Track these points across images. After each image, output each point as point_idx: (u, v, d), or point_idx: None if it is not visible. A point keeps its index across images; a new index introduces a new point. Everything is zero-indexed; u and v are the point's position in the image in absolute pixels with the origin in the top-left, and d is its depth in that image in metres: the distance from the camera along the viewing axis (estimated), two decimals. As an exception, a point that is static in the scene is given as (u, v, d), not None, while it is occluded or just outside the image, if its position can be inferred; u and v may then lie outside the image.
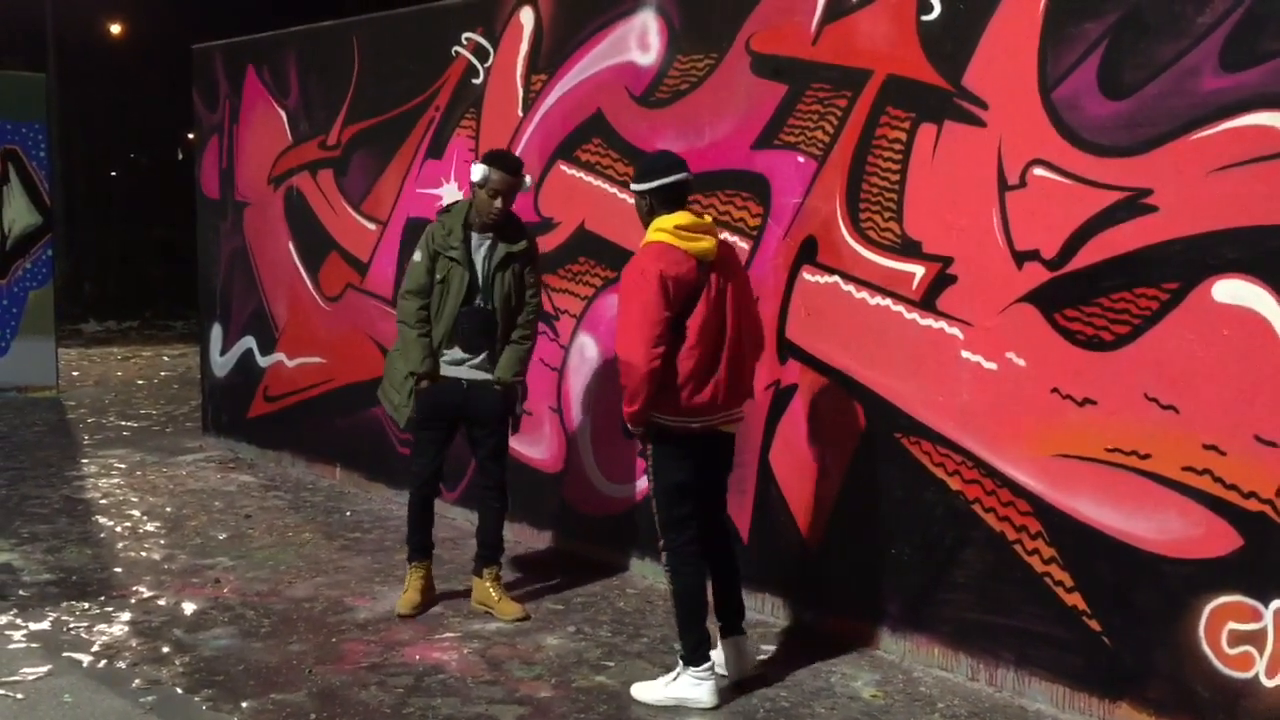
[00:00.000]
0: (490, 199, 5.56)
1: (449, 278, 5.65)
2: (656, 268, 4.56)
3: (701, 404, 4.68)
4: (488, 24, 7.18)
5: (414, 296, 5.72)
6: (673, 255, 4.61)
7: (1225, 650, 4.20)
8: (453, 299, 5.64)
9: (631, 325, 4.58)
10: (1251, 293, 4.10)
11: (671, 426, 4.70)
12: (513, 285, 5.69)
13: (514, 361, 5.72)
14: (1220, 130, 4.16)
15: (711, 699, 4.72)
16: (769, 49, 5.61)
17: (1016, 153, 4.71)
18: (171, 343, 18.16)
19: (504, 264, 5.66)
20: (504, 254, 5.66)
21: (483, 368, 5.72)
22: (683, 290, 4.60)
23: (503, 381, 5.70)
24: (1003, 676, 4.84)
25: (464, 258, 5.63)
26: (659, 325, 4.54)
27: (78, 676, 4.99)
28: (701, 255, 4.67)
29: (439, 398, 5.73)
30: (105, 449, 9.82)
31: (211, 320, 9.95)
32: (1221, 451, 4.19)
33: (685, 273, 4.60)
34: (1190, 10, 4.22)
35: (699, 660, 4.73)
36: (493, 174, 5.55)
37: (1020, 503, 4.76)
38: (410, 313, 5.73)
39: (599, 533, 6.59)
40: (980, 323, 4.86)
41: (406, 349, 5.75)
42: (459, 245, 5.64)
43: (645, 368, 4.54)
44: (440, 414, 5.78)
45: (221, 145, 9.69)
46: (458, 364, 5.71)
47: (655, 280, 4.54)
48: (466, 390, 5.72)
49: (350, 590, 6.13)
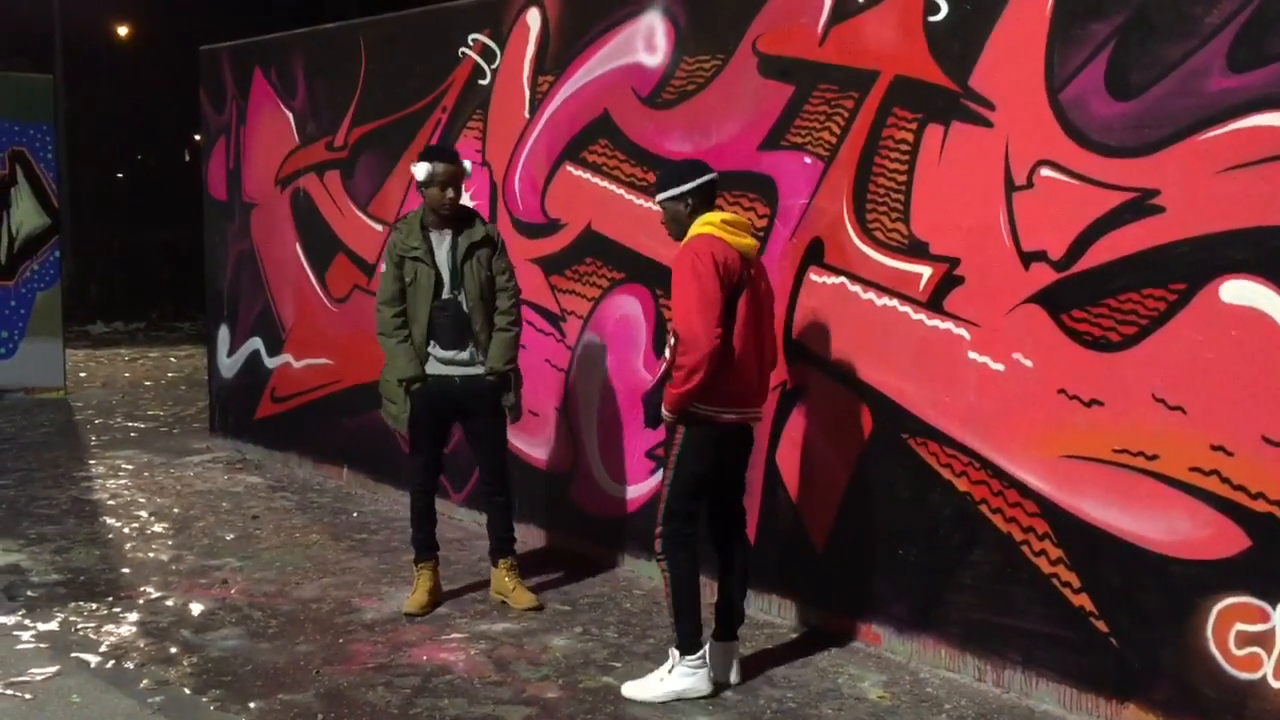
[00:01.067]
0: (441, 191, 5.69)
1: (416, 278, 5.75)
2: (710, 253, 4.64)
3: (739, 394, 4.76)
4: (494, 25, 7.18)
5: (386, 306, 5.83)
6: (721, 246, 4.69)
7: (1233, 651, 4.20)
8: (423, 297, 5.74)
9: (692, 304, 4.62)
10: (1259, 293, 4.09)
11: (707, 415, 4.73)
12: (482, 274, 5.78)
13: (504, 349, 5.79)
14: (1228, 131, 4.15)
15: (707, 687, 4.78)
16: (776, 50, 5.61)
17: (1024, 153, 4.71)
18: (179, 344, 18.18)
19: (469, 254, 5.76)
20: (467, 244, 5.77)
21: (472, 362, 5.79)
22: (731, 279, 4.67)
23: (495, 370, 5.77)
24: (1010, 677, 4.84)
25: (427, 255, 5.74)
26: (718, 305, 4.61)
27: (86, 677, 5.00)
28: (745, 251, 4.76)
29: (433, 396, 5.80)
30: (112, 450, 9.84)
31: (219, 321, 9.97)
32: (1229, 452, 4.18)
33: (733, 263, 4.69)
34: (1198, 11, 4.21)
35: (692, 649, 4.78)
36: (436, 166, 5.69)
37: (1028, 503, 4.75)
38: (386, 322, 5.83)
39: (606, 534, 6.59)
40: (987, 323, 4.85)
41: (392, 359, 5.84)
42: (420, 244, 5.74)
43: (709, 345, 4.58)
44: (435, 413, 5.85)
45: (228, 147, 9.71)
46: (446, 363, 5.78)
47: (710, 261, 4.62)
48: (460, 386, 5.79)
49: (357, 591, 6.14)
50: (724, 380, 4.68)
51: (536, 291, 6.89)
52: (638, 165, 6.28)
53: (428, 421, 5.86)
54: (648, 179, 6.09)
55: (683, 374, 4.62)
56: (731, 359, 4.68)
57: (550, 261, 6.83)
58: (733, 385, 4.72)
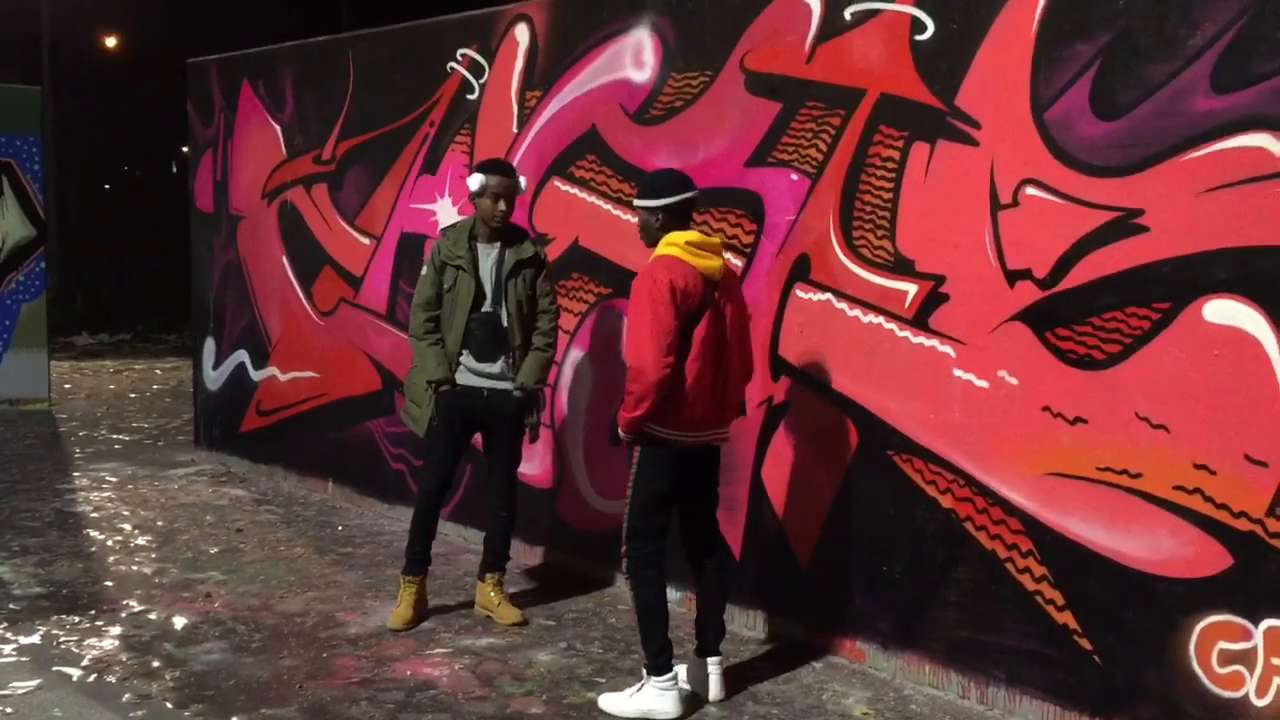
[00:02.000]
0: (493, 204, 5.68)
1: (456, 286, 5.75)
2: (668, 278, 4.62)
3: (695, 419, 4.74)
4: (483, 40, 7.20)
5: (421, 310, 5.83)
6: (683, 269, 4.67)
7: (1215, 670, 4.21)
8: (461, 306, 5.73)
9: (643, 332, 4.62)
10: (1242, 313, 4.12)
11: (664, 437, 4.73)
12: (525, 293, 5.78)
13: (536, 368, 5.80)
14: (1212, 151, 4.18)
15: (675, 709, 4.76)
16: (763, 67, 5.64)
17: (1009, 172, 4.73)
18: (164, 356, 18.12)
19: (515, 271, 5.76)
20: (514, 261, 5.76)
21: (503, 376, 5.78)
22: (690, 304, 4.65)
23: (525, 387, 5.78)
24: (993, 695, 4.84)
25: (470, 265, 5.73)
26: (670, 334, 4.60)
27: (68, 691, 4.97)
28: (709, 273, 4.73)
29: (458, 404, 5.79)
30: (97, 462, 9.80)
31: (204, 334, 9.95)
32: (1212, 471, 4.20)
33: (693, 287, 4.67)
34: (1182, 32, 4.24)
35: (662, 670, 4.77)
36: (490, 179, 5.68)
37: (1012, 521, 4.76)
38: (418, 325, 5.83)
39: (592, 549, 6.58)
40: (972, 341, 4.87)
41: (422, 361, 5.83)
42: (465, 254, 5.74)
43: (655, 375, 4.58)
44: (458, 421, 5.82)
45: (216, 159, 9.70)
46: (476, 373, 5.77)
47: (667, 289, 4.60)
48: (487, 398, 5.79)
49: (341, 605, 6.12)
50: (678, 405, 4.68)
51: (523, 306, 6.89)
52: (625, 181, 6.30)
53: (448, 430, 5.83)
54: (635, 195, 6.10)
55: (631, 400, 4.65)
56: (685, 386, 4.67)
57: (537, 276, 6.82)
58: (687, 410, 4.70)
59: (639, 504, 4.83)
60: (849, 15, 5.26)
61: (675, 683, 4.80)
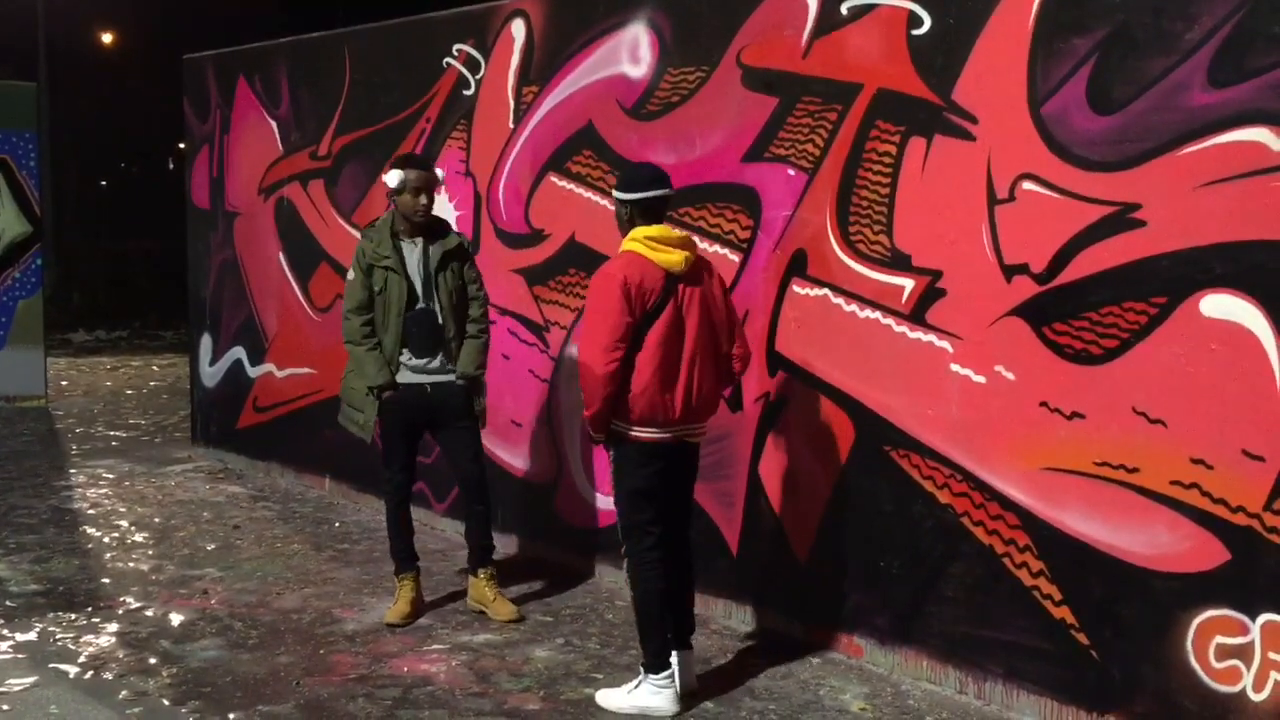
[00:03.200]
0: (414, 198, 5.71)
1: (387, 287, 5.75)
2: (621, 274, 4.65)
3: (659, 415, 4.73)
4: (479, 36, 7.19)
5: (355, 314, 5.82)
6: (640, 265, 4.69)
7: (1213, 664, 4.21)
8: (395, 306, 5.74)
9: (591, 329, 4.68)
10: (1239, 307, 4.11)
11: (630, 435, 4.75)
12: (455, 284, 5.81)
13: (474, 354, 5.82)
14: (1208, 145, 4.17)
15: (672, 707, 4.77)
16: (760, 62, 5.63)
17: (1006, 167, 4.73)
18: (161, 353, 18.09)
19: (443, 264, 5.77)
20: (440, 254, 5.78)
21: (442, 370, 5.80)
22: (645, 300, 4.66)
23: (466, 375, 5.80)
24: (991, 690, 4.84)
25: (398, 265, 5.74)
26: (618, 330, 4.61)
27: (64, 687, 4.97)
28: (670, 267, 4.72)
29: (404, 405, 5.81)
30: (93, 459, 9.79)
31: (201, 330, 9.94)
32: (1209, 465, 4.20)
33: (650, 283, 4.67)
34: (1179, 26, 4.23)
35: (659, 668, 4.78)
36: (409, 173, 5.71)
37: (1009, 516, 4.76)
38: (354, 330, 5.82)
39: (589, 545, 6.58)
40: (970, 336, 4.87)
41: (361, 366, 5.83)
42: (390, 254, 5.75)
43: (601, 370, 4.62)
44: (409, 421, 5.86)
45: (212, 155, 9.69)
46: (416, 370, 5.78)
47: (619, 286, 4.62)
48: (430, 394, 5.80)
49: (338, 601, 6.12)
50: (635, 401, 4.68)
51: (520, 302, 6.89)
52: (622, 176, 6.28)
53: (401, 431, 5.87)
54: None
55: (585, 398, 4.70)
56: (644, 382, 4.66)
57: (534, 272, 6.82)
58: (646, 406, 4.69)
59: (622, 502, 4.86)
60: (845, 10, 5.25)
61: (672, 680, 4.80)
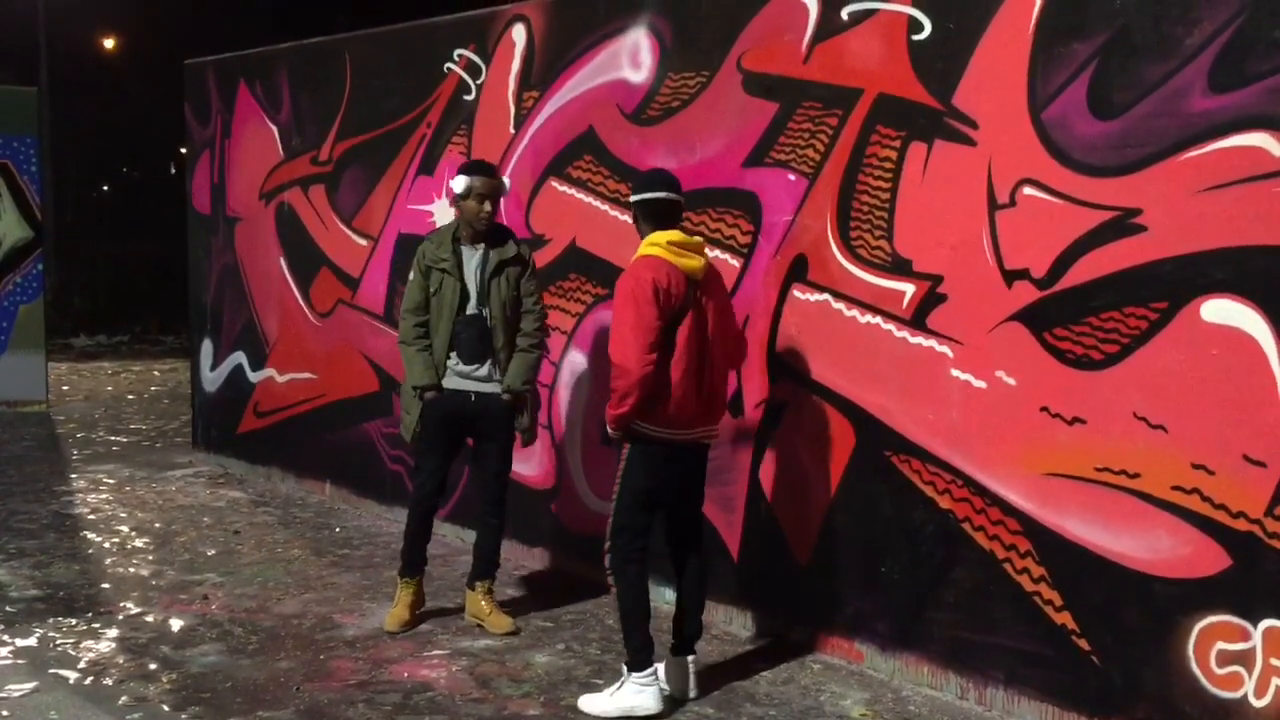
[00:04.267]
0: (479, 205, 5.66)
1: (442, 289, 5.73)
2: (650, 277, 4.67)
3: (683, 418, 4.77)
4: (480, 41, 7.19)
5: (410, 315, 5.81)
6: (666, 268, 4.72)
7: (1214, 670, 4.20)
8: (447, 309, 5.71)
9: (626, 330, 4.66)
10: (1240, 312, 4.11)
11: (651, 434, 4.76)
12: (509, 294, 5.75)
13: (523, 369, 5.76)
14: (1209, 150, 4.17)
15: (656, 705, 4.78)
16: (760, 67, 5.63)
17: (1006, 172, 4.73)
18: (162, 357, 18.12)
19: (498, 271, 5.74)
20: (496, 261, 5.73)
21: (490, 379, 5.74)
22: (673, 303, 4.69)
23: (512, 389, 5.74)
24: (992, 696, 4.83)
25: (454, 268, 5.71)
26: (653, 332, 4.64)
27: (64, 693, 4.96)
28: (691, 273, 4.77)
29: (446, 409, 5.75)
30: (94, 464, 9.79)
31: (202, 335, 9.94)
32: (1210, 471, 4.19)
33: (676, 287, 4.71)
34: (1179, 32, 4.24)
35: (641, 665, 4.78)
36: (475, 180, 5.66)
37: (1010, 521, 4.76)
38: (407, 330, 5.80)
39: (589, 550, 6.56)
40: (970, 341, 4.86)
41: (410, 366, 5.81)
42: (449, 256, 5.72)
43: (639, 372, 4.62)
44: (447, 426, 5.79)
45: (213, 160, 9.69)
46: (464, 376, 5.74)
47: (650, 288, 4.64)
48: (474, 402, 5.75)
49: (339, 607, 6.11)
50: (663, 403, 4.71)
51: (521, 307, 6.88)
52: (622, 181, 6.28)
53: (438, 434, 5.80)
54: (632, 195, 6.10)
55: (616, 397, 4.69)
56: (669, 384, 4.70)
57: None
58: (673, 408, 4.73)
59: (626, 501, 4.85)
60: (846, 15, 5.25)
61: (655, 679, 4.82)
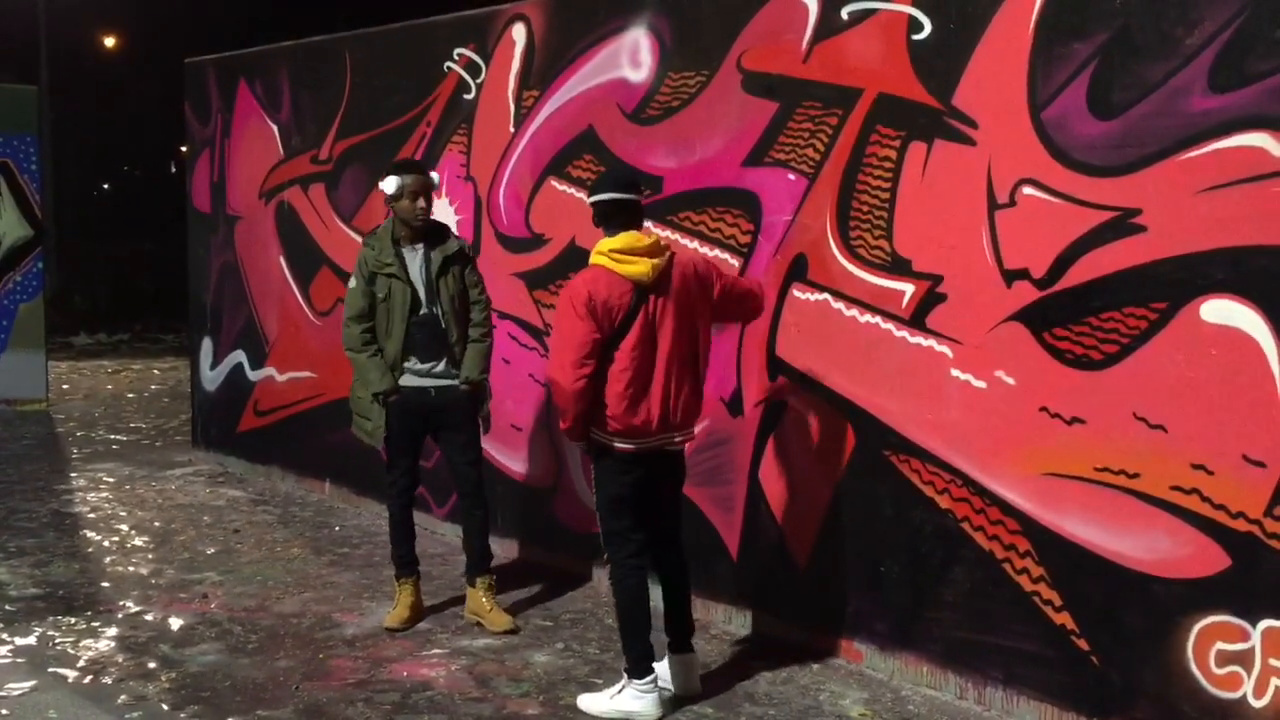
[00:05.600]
0: (412, 203, 5.71)
1: (391, 294, 5.75)
2: (585, 291, 4.67)
3: (636, 426, 4.74)
4: (480, 40, 7.19)
5: (355, 322, 5.82)
6: (605, 279, 4.70)
7: (1213, 670, 4.20)
8: (398, 313, 5.74)
9: (557, 346, 4.73)
10: (1239, 313, 4.10)
11: (610, 445, 4.77)
12: (456, 289, 5.81)
13: (479, 359, 5.82)
14: (1209, 150, 4.16)
15: (654, 711, 4.78)
16: (760, 66, 5.62)
17: (1006, 172, 4.72)
18: (162, 356, 18.10)
19: (444, 269, 5.77)
20: (441, 259, 5.78)
21: (446, 374, 5.80)
22: (613, 315, 4.67)
23: (470, 380, 5.80)
24: (991, 695, 4.83)
25: (401, 271, 5.74)
26: (584, 347, 4.64)
27: (63, 692, 4.97)
28: (637, 279, 4.71)
29: (408, 409, 5.81)
30: (94, 463, 9.79)
31: (202, 334, 9.94)
32: (1210, 471, 4.19)
33: (616, 296, 4.68)
34: (1179, 31, 4.23)
35: (642, 673, 4.79)
36: (405, 179, 5.70)
37: (1009, 521, 4.75)
38: (355, 338, 5.82)
39: (588, 549, 6.56)
40: (970, 341, 4.86)
41: (363, 374, 5.83)
42: (393, 261, 5.75)
43: (570, 388, 4.65)
44: (411, 425, 5.86)
45: (213, 159, 9.69)
46: (420, 374, 5.78)
47: (583, 303, 4.65)
48: (435, 398, 5.81)
49: (338, 606, 6.11)
50: (615, 415, 4.70)
51: (520, 306, 6.88)
52: (622, 181, 6.27)
53: (404, 434, 5.87)
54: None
55: (557, 413, 4.75)
56: (617, 395, 4.68)
57: (534, 276, 6.82)
58: (626, 419, 4.70)
59: (603, 509, 4.88)
60: (846, 15, 5.25)
61: (655, 685, 4.81)
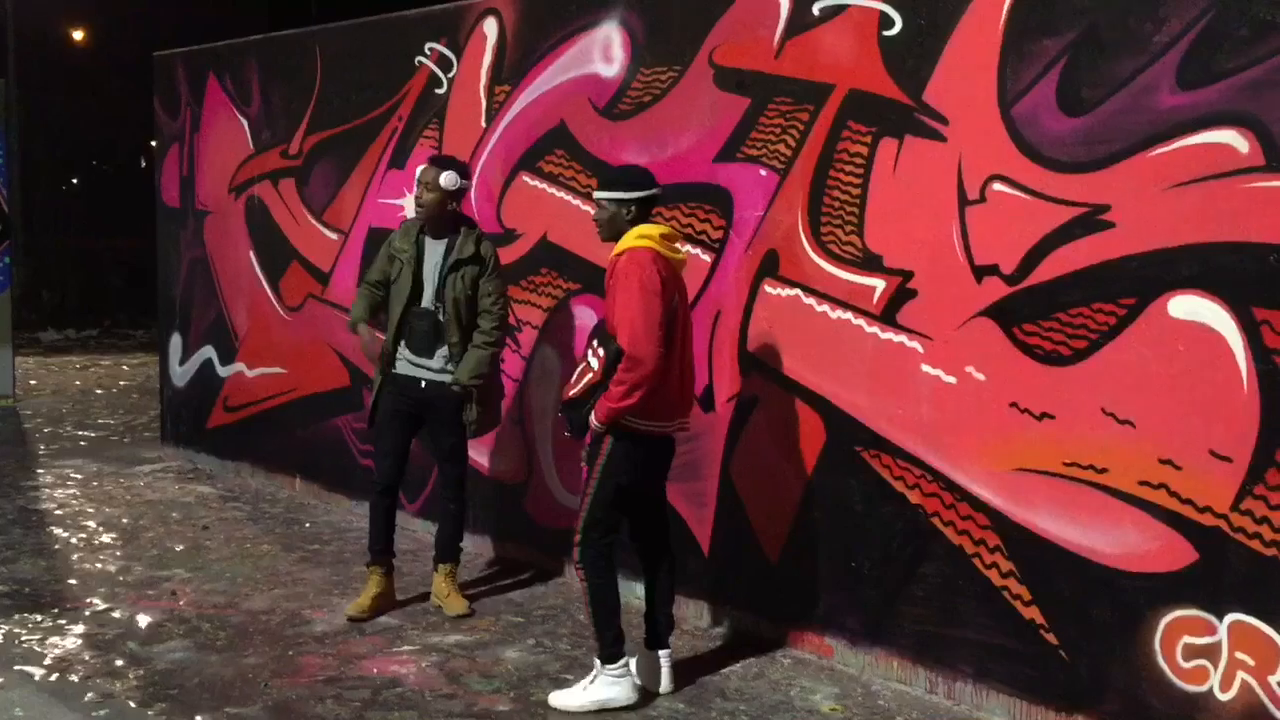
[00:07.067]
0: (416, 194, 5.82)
1: (400, 279, 5.83)
2: (655, 271, 4.67)
3: (666, 408, 4.79)
4: (451, 35, 7.16)
5: (363, 284, 6.09)
6: (662, 262, 4.74)
7: (1180, 664, 4.23)
8: (398, 299, 5.83)
9: (640, 322, 4.61)
10: (1207, 308, 4.13)
11: (635, 427, 4.74)
12: (464, 292, 5.77)
13: (474, 364, 5.78)
14: (1177, 147, 4.19)
15: (630, 696, 4.80)
16: (732, 62, 5.62)
17: (976, 168, 4.74)
18: (131, 352, 17.98)
19: (454, 268, 5.77)
20: (454, 259, 5.78)
21: (442, 370, 5.80)
22: (669, 298, 4.72)
23: (459, 382, 5.78)
24: (961, 690, 4.85)
25: (411, 260, 5.80)
26: (663, 326, 4.66)
27: (30, 690, 4.92)
28: (677, 267, 4.84)
29: (399, 395, 5.84)
30: (61, 459, 9.71)
31: (171, 330, 9.86)
32: (1177, 466, 4.22)
33: (670, 281, 4.74)
34: (1148, 28, 4.26)
35: (614, 657, 4.79)
36: (419, 169, 5.84)
37: (979, 516, 4.77)
38: (360, 290, 6.11)
39: (561, 545, 6.55)
40: (940, 336, 4.88)
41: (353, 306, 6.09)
42: (410, 248, 5.82)
43: (653, 365, 4.62)
44: (400, 411, 5.88)
45: (182, 153, 9.62)
46: (414, 364, 5.81)
47: (660, 281, 4.66)
48: (425, 389, 5.82)
49: (308, 602, 6.08)
50: (659, 394, 4.72)
51: (492, 302, 6.86)
52: (594, 176, 6.25)
53: (392, 419, 5.88)
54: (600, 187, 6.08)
55: (623, 389, 4.62)
56: (668, 373, 4.73)
57: (506, 271, 6.78)
58: (661, 400, 4.74)
59: (603, 496, 4.80)
60: (817, 10, 5.25)
61: (628, 670, 4.83)
